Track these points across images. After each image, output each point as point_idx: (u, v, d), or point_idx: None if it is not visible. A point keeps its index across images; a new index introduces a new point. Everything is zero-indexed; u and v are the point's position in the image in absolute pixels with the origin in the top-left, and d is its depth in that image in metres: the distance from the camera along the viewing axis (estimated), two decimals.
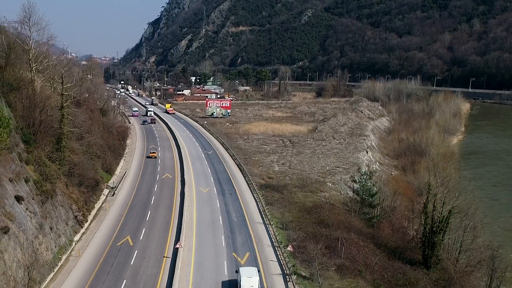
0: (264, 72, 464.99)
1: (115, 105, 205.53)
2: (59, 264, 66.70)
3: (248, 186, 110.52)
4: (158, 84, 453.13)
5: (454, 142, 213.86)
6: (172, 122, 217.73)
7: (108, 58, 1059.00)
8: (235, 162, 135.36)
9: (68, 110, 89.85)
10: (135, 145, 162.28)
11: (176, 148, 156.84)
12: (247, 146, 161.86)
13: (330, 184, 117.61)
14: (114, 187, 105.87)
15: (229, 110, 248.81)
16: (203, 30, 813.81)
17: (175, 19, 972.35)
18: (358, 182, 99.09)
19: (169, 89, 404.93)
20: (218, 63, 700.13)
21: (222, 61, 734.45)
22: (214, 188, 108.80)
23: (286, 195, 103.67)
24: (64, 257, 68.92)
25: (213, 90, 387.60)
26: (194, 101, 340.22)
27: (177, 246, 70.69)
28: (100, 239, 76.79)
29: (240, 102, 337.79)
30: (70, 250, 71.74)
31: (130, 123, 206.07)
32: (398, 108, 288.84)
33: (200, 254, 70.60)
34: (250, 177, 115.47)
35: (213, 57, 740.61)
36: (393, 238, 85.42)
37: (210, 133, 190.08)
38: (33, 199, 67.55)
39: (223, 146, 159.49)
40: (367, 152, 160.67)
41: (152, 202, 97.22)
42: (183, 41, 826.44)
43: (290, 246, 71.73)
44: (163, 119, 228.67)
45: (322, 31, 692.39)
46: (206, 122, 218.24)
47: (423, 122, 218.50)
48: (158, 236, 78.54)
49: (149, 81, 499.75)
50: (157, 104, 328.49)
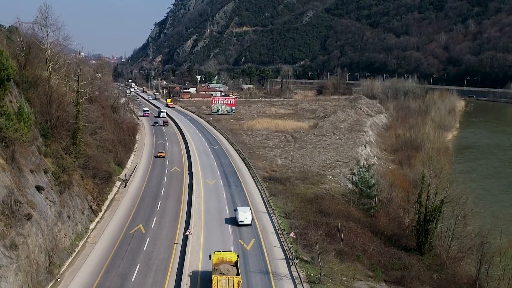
0: (267, 71, 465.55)
1: (124, 102, 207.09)
2: (77, 250, 68.76)
3: (252, 178, 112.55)
4: (165, 82, 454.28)
5: (449, 137, 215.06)
6: (179, 119, 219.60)
7: (116, 58, 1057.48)
8: (240, 156, 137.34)
9: (83, 106, 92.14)
10: (144, 140, 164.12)
11: (183, 143, 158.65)
12: (251, 141, 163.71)
13: (330, 176, 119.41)
14: (126, 179, 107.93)
15: (233, 107, 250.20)
16: (208, 30, 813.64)
17: (181, 20, 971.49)
18: (356, 174, 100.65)
19: (175, 87, 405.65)
20: (222, 62, 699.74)
21: (226, 60, 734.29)
22: (221, 180, 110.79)
23: (289, 187, 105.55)
24: (81, 243, 71.01)
25: (217, 88, 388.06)
26: (199, 98, 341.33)
27: (187, 233, 72.78)
28: (114, 227, 78.82)
29: (244, 99, 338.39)
30: (86, 237, 73.85)
31: (139, 120, 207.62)
32: (395, 105, 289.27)
33: (208, 240, 72.66)
34: (254, 170, 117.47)
35: (217, 56, 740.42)
36: (389, 227, 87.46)
37: (215, 129, 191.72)
38: (52, 189, 69.59)
39: (228, 141, 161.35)
40: (366, 147, 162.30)
41: (162, 193, 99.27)
42: (189, 41, 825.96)
43: (292, 233, 73.78)
44: (170, 116, 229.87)
45: (322, 32, 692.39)
46: (211, 119, 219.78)
47: (419, 119, 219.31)
48: (169, 224, 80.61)
49: (156, 79, 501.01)
50: (159, 99, 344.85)
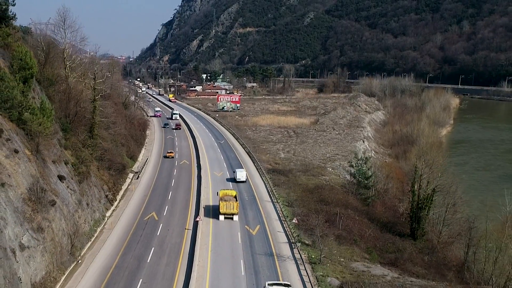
0: (269, 70, 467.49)
1: (134, 100, 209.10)
2: (95, 235, 71.35)
3: (257, 170, 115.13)
4: (172, 81, 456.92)
5: (444, 133, 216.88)
6: (186, 115, 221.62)
7: (124, 57, 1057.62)
8: (245, 150, 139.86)
9: (99, 103, 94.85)
10: (154, 135, 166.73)
11: (191, 138, 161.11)
12: (256, 136, 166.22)
13: (330, 169, 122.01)
14: (138, 172, 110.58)
15: (238, 104, 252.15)
16: (213, 31, 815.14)
17: (187, 21, 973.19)
18: (354, 166, 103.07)
19: (182, 85, 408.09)
20: (227, 62, 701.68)
21: (231, 59, 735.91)
22: (227, 172, 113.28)
23: (291, 178, 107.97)
24: (98, 229, 73.63)
25: (223, 87, 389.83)
26: (205, 96, 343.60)
27: (197, 219, 75.48)
28: (129, 215, 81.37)
29: (248, 97, 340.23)
30: (103, 224, 76.51)
31: (148, 116, 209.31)
32: (393, 102, 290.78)
33: (217, 226, 75.31)
34: (258, 163, 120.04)
35: (222, 56, 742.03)
36: (385, 215, 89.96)
37: (221, 125, 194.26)
38: (72, 179, 72.26)
39: (234, 136, 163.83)
40: (364, 141, 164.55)
41: (172, 184, 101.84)
42: (195, 41, 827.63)
43: (295, 219, 76.48)
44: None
45: (323, 32, 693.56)
46: (217, 115, 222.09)
47: (415, 116, 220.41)
48: (180, 212, 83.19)
49: (163, 78, 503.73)
50: (163, 94, 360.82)
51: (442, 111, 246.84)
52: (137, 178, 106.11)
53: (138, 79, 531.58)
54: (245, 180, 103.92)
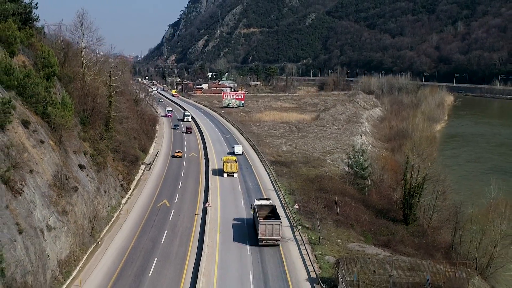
0: (272, 68, 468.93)
1: (143, 97, 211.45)
2: (112, 220, 74.35)
3: (261, 162, 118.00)
4: (179, 79, 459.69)
5: (438, 128, 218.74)
6: (193, 112, 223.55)
7: (132, 56, 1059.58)
8: (250, 144, 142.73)
9: (114, 98, 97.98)
10: (163, 130, 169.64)
11: (199, 133, 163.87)
12: (259, 131, 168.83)
13: (330, 161, 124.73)
14: (150, 163, 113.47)
15: (243, 101, 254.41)
16: (218, 31, 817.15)
17: (193, 22, 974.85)
18: (352, 158, 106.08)
19: (189, 83, 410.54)
20: (231, 61, 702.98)
21: (235, 59, 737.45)
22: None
23: (293, 169, 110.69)
24: (115, 215, 76.65)
25: (227, 85, 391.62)
26: (211, 94, 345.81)
27: (206, 206, 78.61)
28: (142, 202, 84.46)
29: (251, 95, 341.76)
30: (119, 210, 79.55)
31: (157, 113, 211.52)
32: (390, 100, 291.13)
33: (224, 212, 78.45)
34: (262, 155, 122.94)
35: (227, 55, 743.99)
36: (380, 202, 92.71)
37: (227, 120, 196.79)
38: (90, 168, 75.30)
39: (239, 131, 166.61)
40: (361, 136, 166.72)
41: (182, 175, 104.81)
42: (200, 41, 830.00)
43: (296, 205, 79.52)
44: (185, 109, 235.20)
45: (324, 32, 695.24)
46: (223, 112, 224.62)
47: (411, 112, 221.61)
48: (190, 200, 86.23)
49: (170, 77, 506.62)
50: (167, 90, 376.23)
51: (437, 108, 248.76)
52: (149, 169, 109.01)
53: (146, 78, 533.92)
54: (241, 153, 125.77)
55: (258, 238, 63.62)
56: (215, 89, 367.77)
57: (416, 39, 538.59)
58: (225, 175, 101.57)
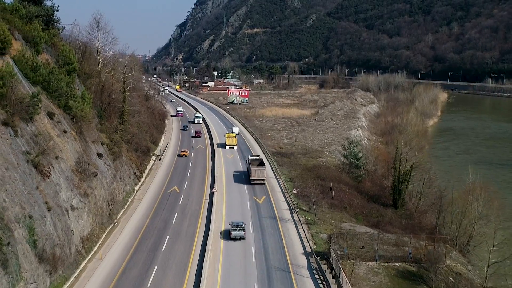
0: (275, 67, 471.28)
1: (152, 94, 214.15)
2: (127, 204, 78.34)
3: (263, 153, 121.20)
4: (186, 77, 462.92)
5: (431, 123, 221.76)
6: (200, 108, 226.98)
7: (141, 56, 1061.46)
8: (253, 137, 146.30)
9: (128, 94, 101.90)
10: (172, 125, 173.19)
11: (205, 127, 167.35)
12: (262, 125, 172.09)
13: (327, 152, 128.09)
14: (160, 154, 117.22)
15: (247, 98, 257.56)
16: (224, 31, 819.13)
17: (199, 22, 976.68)
18: (347, 149, 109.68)
19: (195, 81, 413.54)
20: (236, 60, 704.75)
21: (240, 58, 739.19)
22: (237, 155, 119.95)
23: (293, 160, 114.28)
24: (130, 199, 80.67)
25: (232, 82, 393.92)
26: (217, 91, 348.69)
27: (213, 191, 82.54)
28: (154, 189, 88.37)
29: (255, 92, 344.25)
30: (133, 195, 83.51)
31: (165, 109, 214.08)
32: (386, 97, 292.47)
33: (229, 197, 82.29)
34: (264, 147, 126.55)
35: (232, 54, 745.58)
36: (372, 189, 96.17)
37: (231, 115, 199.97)
38: (107, 157, 79.27)
39: (243, 125, 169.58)
40: (358, 130, 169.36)
41: (190, 164, 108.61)
42: (206, 41, 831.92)
43: (295, 190, 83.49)
44: (192, 105, 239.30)
45: (324, 33, 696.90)
46: (228, 108, 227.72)
47: (406, 108, 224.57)
48: (198, 186, 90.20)
49: (178, 75, 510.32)
50: (171, 86, 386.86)
51: (430, 104, 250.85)
52: (159, 160, 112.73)
53: (155, 76, 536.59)
54: (238, 133, 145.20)
55: (250, 179, 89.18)
56: (221, 86, 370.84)
57: (412, 39, 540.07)
58: (227, 147, 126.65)
